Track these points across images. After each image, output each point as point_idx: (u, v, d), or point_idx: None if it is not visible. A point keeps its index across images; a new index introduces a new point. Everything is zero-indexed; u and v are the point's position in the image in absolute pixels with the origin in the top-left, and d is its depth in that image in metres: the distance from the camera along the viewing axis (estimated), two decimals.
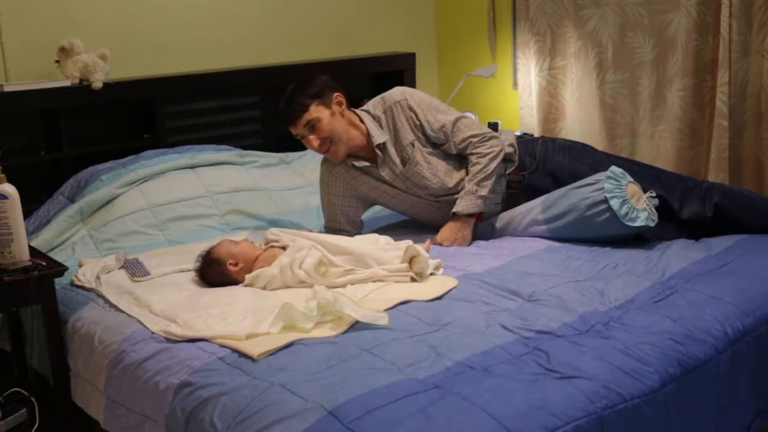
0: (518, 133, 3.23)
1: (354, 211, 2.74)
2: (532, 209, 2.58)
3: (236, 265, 2.32)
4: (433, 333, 1.89)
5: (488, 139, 2.62)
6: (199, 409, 1.70)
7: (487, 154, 2.59)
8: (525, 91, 4.00)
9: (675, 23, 3.42)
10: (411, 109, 2.63)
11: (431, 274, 2.28)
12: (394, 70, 3.97)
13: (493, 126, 3.97)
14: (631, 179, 2.47)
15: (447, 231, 2.59)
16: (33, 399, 2.37)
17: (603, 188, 2.41)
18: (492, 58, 4.19)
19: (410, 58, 4.01)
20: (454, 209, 2.59)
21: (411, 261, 2.26)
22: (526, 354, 1.76)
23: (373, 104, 2.71)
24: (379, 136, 2.63)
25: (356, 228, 2.76)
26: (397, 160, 2.64)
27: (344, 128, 2.60)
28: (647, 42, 3.53)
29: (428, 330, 1.91)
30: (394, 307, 2.05)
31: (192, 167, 3.07)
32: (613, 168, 2.48)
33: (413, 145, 2.63)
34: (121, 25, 3.25)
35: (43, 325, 2.28)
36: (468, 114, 2.70)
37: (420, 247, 2.29)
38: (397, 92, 2.68)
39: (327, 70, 3.70)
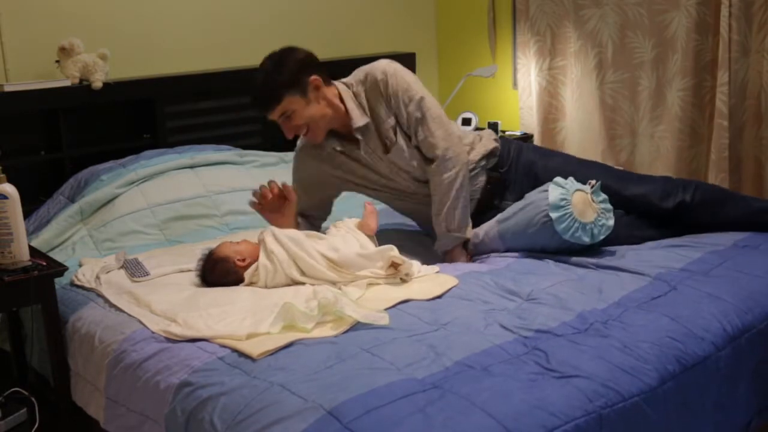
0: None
1: (327, 200, 2.66)
2: (491, 236, 2.51)
3: (243, 260, 2.32)
4: (433, 332, 1.89)
5: (447, 160, 2.42)
6: (199, 408, 1.70)
7: (441, 183, 2.42)
8: (525, 91, 4.00)
9: (675, 23, 3.42)
10: (389, 89, 2.45)
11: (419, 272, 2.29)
12: None
13: (493, 126, 3.98)
14: (577, 187, 2.38)
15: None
16: (33, 399, 2.37)
17: (550, 219, 2.34)
18: (492, 58, 4.19)
19: (410, 58, 4.01)
20: (437, 249, 2.47)
21: (395, 266, 2.24)
22: (525, 353, 1.76)
23: (355, 78, 2.52)
24: (360, 118, 2.45)
25: (326, 213, 2.68)
26: (380, 145, 2.50)
27: (322, 112, 2.43)
28: (647, 42, 3.54)
29: (427, 329, 1.91)
30: (393, 306, 2.05)
31: (192, 167, 3.08)
32: (551, 189, 2.38)
33: (395, 130, 2.48)
34: (121, 25, 3.26)
35: (43, 325, 2.28)
36: (432, 102, 2.47)
37: (402, 257, 2.24)
38: (379, 70, 2.47)
39: (327, 70, 3.71)
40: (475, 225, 2.55)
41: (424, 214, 2.57)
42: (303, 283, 2.22)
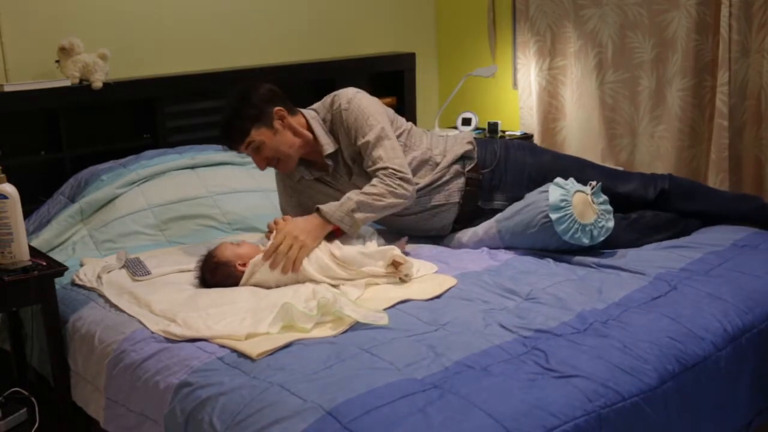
0: (476, 133, 3.16)
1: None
2: (490, 235, 2.52)
3: (244, 265, 2.32)
4: (432, 332, 1.89)
5: (401, 179, 2.41)
6: (198, 409, 1.70)
7: (390, 193, 2.38)
8: (525, 91, 4.00)
9: (675, 23, 3.42)
10: (350, 120, 2.48)
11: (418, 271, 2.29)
12: (394, 70, 3.97)
13: (493, 126, 3.98)
14: (577, 188, 2.38)
15: (296, 223, 2.33)
16: (33, 399, 2.37)
17: (550, 220, 2.34)
18: (492, 58, 4.19)
19: (410, 58, 4.01)
20: (320, 206, 2.37)
21: (396, 265, 2.25)
22: (524, 353, 1.76)
23: (324, 105, 2.56)
24: (329, 145, 2.50)
25: None
26: (345, 169, 2.54)
27: (289, 142, 2.47)
28: (647, 42, 3.53)
29: (427, 329, 1.91)
30: (393, 306, 2.05)
31: (192, 167, 3.08)
32: (552, 189, 2.38)
33: (355, 156, 2.51)
34: (121, 25, 3.26)
35: (43, 325, 2.28)
36: (390, 138, 2.47)
37: (404, 257, 2.25)
38: (344, 98, 2.50)
39: (327, 70, 3.73)
40: (460, 228, 2.60)
41: (396, 228, 2.64)
42: (302, 281, 2.23)
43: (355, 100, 2.50)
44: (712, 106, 3.36)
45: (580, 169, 2.55)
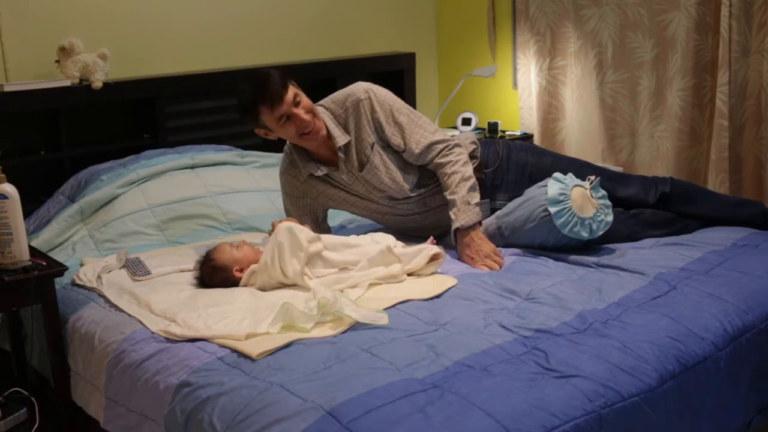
0: (476, 134, 3.16)
1: (320, 216, 2.71)
2: (490, 231, 2.52)
3: (241, 270, 2.31)
4: (432, 332, 1.89)
5: (453, 147, 2.51)
6: (198, 409, 1.70)
7: (458, 161, 2.47)
8: (525, 91, 4.01)
9: (675, 23, 3.42)
10: (374, 110, 2.51)
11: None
12: (394, 70, 3.97)
13: (493, 126, 3.98)
14: (576, 182, 2.39)
15: (466, 253, 2.41)
16: (33, 399, 2.37)
17: (549, 214, 2.35)
18: (492, 58, 4.19)
19: (410, 58, 4.01)
20: (456, 225, 2.42)
21: (435, 257, 2.26)
22: (524, 353, 1.76)
23: (334, 100, 2.55)
24: (341, 137, 2.49)
25: (323, 221, 2.73)
26: (356, 163, 2.53)
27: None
28: (647, 42, 3.54)
29: (427, 329, 1.91)
30: (393, 306, 2.05)
31: (192, 167, 3.08)
32: (550, 184, 2.38)
33: (372, 147, 2.51)
34: (121, 25, 3.26)
35: (43, 325, 2.28)
36: (421, 116, 2.57)
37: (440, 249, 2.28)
38: (361, 90, 2.53)
39: (327, 70, 3.73)
40: None
41: (399, 228, 2.63)
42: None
43: (372, 89, 2.54)
44: (712, 106, 3.36)
45: (580, 171, 2.55)
